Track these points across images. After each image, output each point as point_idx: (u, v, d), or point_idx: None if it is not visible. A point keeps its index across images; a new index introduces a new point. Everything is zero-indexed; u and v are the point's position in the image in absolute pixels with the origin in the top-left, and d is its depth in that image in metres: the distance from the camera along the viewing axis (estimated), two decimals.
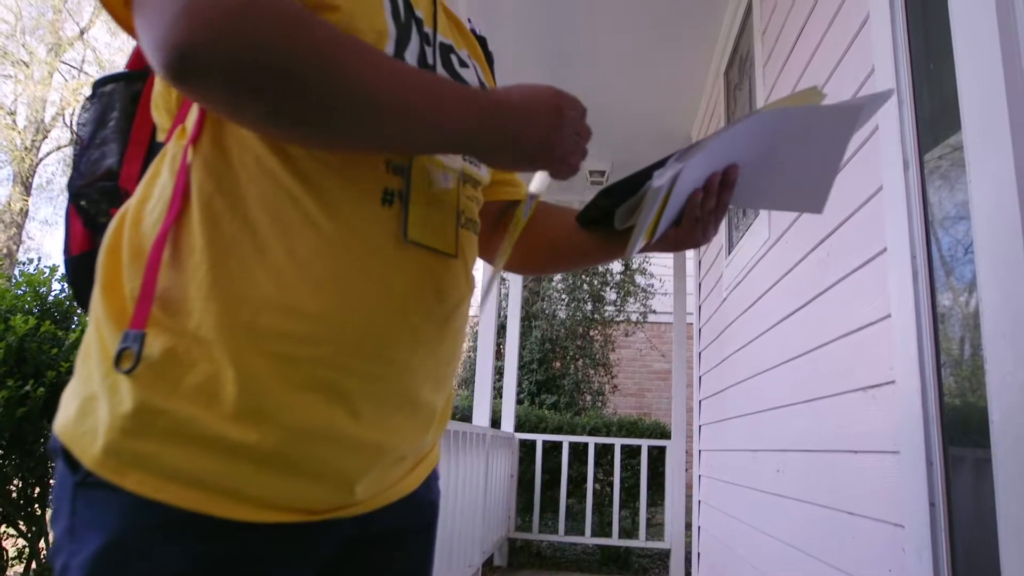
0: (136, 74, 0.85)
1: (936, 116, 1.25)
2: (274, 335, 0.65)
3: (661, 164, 0.72)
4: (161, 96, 0.76)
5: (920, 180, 1.28)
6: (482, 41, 0.97)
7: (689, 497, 4.52)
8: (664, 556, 5.23)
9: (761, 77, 2.61)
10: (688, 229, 0.82)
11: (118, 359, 0.64)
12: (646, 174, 0.73)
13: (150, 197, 0.71)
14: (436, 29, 0.82)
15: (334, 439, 0.68)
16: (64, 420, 0.69)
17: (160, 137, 0.78)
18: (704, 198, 0.79)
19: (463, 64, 0.84)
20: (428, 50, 0.78)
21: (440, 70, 0.79)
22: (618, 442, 5.12)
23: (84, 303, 0.83)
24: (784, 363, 2.18)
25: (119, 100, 0.84)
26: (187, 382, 0.64)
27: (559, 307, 8.03)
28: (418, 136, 0.66)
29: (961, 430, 1.14)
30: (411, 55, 0.75)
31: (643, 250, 0.82)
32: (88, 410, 0.67)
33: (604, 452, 5.37)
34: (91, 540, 0.63)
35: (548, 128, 0.69)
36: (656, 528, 5.45)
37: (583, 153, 0.73)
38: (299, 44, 0.58)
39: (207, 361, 0.64)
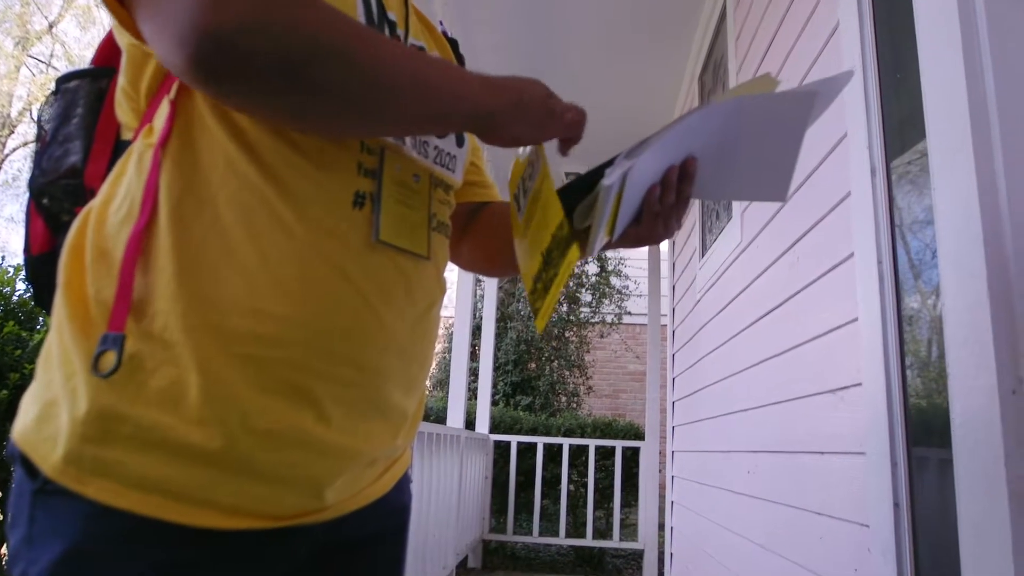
0: (102, 70, 0.84)
1: (903, 123, 1.28)
2: (243, 337, 0.64)
3: (611, 162, 0.72)
4: (126, 94, 0.74)
5: (887, 186, 1.30)
6: (453, 44, 0.97)
7: (662, 498, 4.55)
8: (637, 556, 5.27)
9: (735, 82, 2.64)
10: (649, 225, 0.80)
11: (96, 362, 0.62)
12: (599, 172, 0.72)
13: (114, 197, 0.69)
14: (408, 31, 0.82)
15: (303, 444, 0.67)
16: (23, 426, 0.67)
17: (126, 135, 0.77)
18: (663, 193, 0.78)
19: None
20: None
21: None
22: (592, 443, 5.14)
23: (44, 304, 0.81)
24: (755, 365, 2.20)
25: (84, 97, 0.83)
26: (151, 386, 0.63)
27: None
28: (446, 111, 0.69)
29: (925, 432, 1.16)
30: None
31: (607, 247, 0.81)
32: (48, 416, 0.65)
33: (578, 453, 5.39)
34: (50, 548, 0.61)
35: (544, 94, 0.73)
36: (630, 529, 5.48)
37: (581, 113, 0.75)
38: (339, 30, 0.59)
39: (172, 364, 0.63)
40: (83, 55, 13.51)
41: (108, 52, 0.83)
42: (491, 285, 5.71)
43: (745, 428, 2.31)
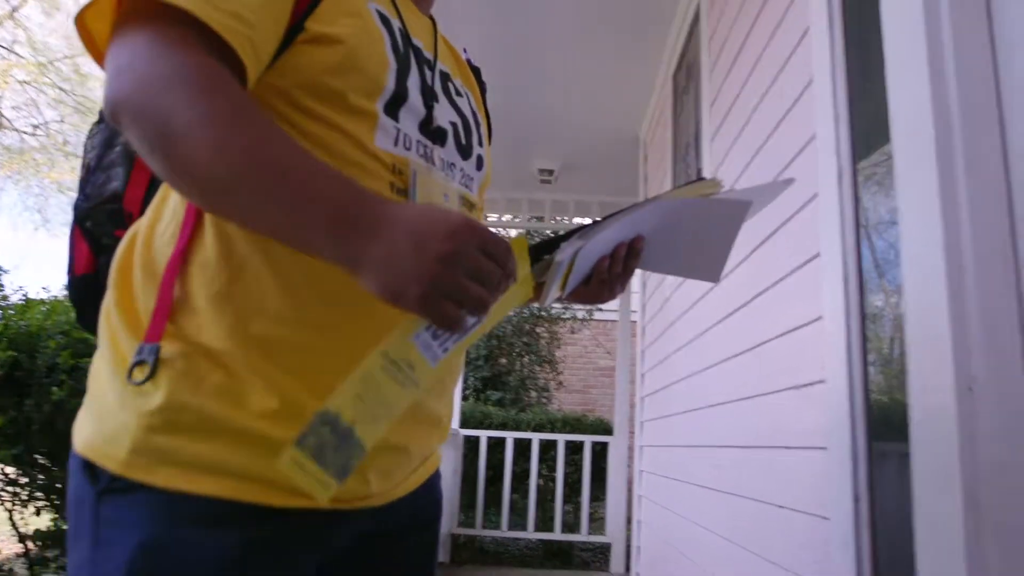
0: None
1: (870, 126, 1.31)
2: (291, 348, 0.69)
3: (568, 237, 0.81)
4: None
5: (853, 188, 1.33)
6: (476, 71, 1.01)
7: (630, 492, 4.60)
8: (605, 550, 5.31)
9: (707, 83, 2.67)
10: (595, 288, 0.91)
11: (131, 372, 0.67)
12: (556, 243, 0.82)
13: (161, 218, 0.75)
14: (437, 56, 0.87)
15: None
16: (84, 436, 0.71)
17: None
18: (611, 263, 0.88)
19: (458, 93, 0.89)
20: (429, 74, 0.83)
21: (440, 96, 0.84)
22: (562, 438, 5.17)
23: (87, 323, 0.86)
24: (723, 362, 2.24)
25: None
26: (209, 382, 0.67)
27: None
28: (291, 221, 0.62)
29: (885, 428, 1.19)
30: (413, 84, 0.79)
31: (559, 299, 0.92)
32: (107, 419, 0.69)
33: (548, 448, 5.41)
34: (125, 541, 0.64)
35: (433, 259, 0.57)
36: (598, 523, 5.53)
37: (476, 304, 0.59)
38: (189, 119, 0.61)
39: (225, 371, 0.68)
40: (47, 41, 13.13)
41: None
42: None
43: (712, 423, 2.35)
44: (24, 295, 3.38)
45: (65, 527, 3.13)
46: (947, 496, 0.87)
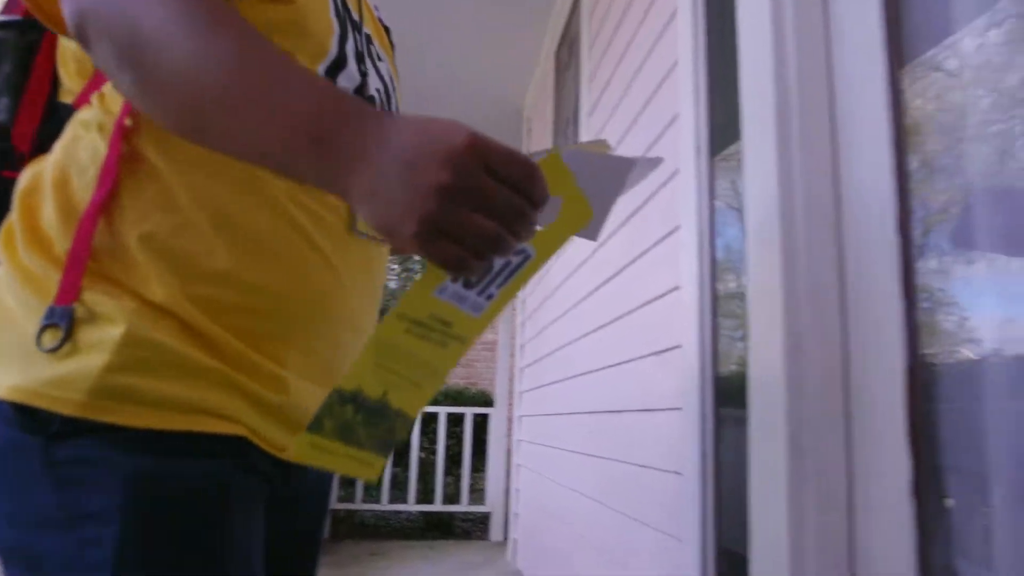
0: (31, 23, 0.78)
1: (728, 110, 1.39)
2: (233, 310, 0.67)
3: None
4: (73, 56, 0.73)
5: (709, 167, 1.42)
6: (387, 31, 1.01)
7: (509, 461, 4.72)
8: (485, 519, 5.43)
9: (587, 58, 2.74)
10: None
11: (40, 337, 0.62)
12: None
13: (76, 159, 0.69)
14: (362, 20, 0.85)
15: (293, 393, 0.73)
16: (15, 380, 0.63)
17: (65, 98, 0.76)
18: None
19: (379, 58, 0.88)
20: (359, 38, 0.82)
21: (366, 60, 0.83)
22: (443, 411, 5.21)
23: None
24: (594, 331, 2.33)
25: (11, 51, 0.80)
26: (165, 324, 0.65)
27: (390, 278, 7.96)
28: (239, 139, 0.56)
29: (732, 389, 1.29)
30: (350, 50, 0.78)
31: None
32: (42, 359, 0.63)
33: (429, 421, 5.44)
34: (108, 476, 0.60)
35: (428, 192, 0.47)
36: (478, 493, 5.63)
37: (487, 243, 0.48)
38: (140, 23, 0.57)
39: (176, 320, 0.66)
40: None
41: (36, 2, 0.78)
42: None
43: (585, 390, 2.45)
44: None
45: None
46: (774, 444, 0.96)
